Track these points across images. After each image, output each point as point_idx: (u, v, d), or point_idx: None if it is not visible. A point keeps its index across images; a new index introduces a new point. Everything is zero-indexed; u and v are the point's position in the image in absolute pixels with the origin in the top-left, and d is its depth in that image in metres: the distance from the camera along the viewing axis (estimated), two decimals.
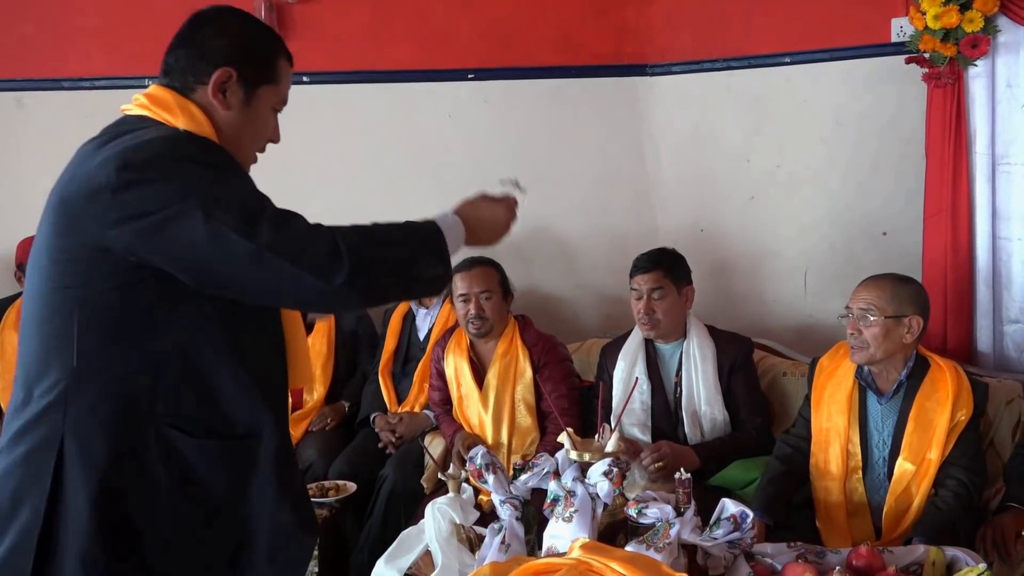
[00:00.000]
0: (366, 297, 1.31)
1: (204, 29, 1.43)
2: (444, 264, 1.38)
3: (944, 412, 2.19)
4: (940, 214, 2.70)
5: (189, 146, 1.31)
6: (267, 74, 1.45)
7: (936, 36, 2.59)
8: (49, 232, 1.33)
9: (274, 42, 1.48)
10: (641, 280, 2.65)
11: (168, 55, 1.44)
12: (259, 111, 1.44)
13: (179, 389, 1.33)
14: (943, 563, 1.77)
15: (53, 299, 1.32)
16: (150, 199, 1.23)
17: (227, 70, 1.40)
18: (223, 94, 1.40)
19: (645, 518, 1.82)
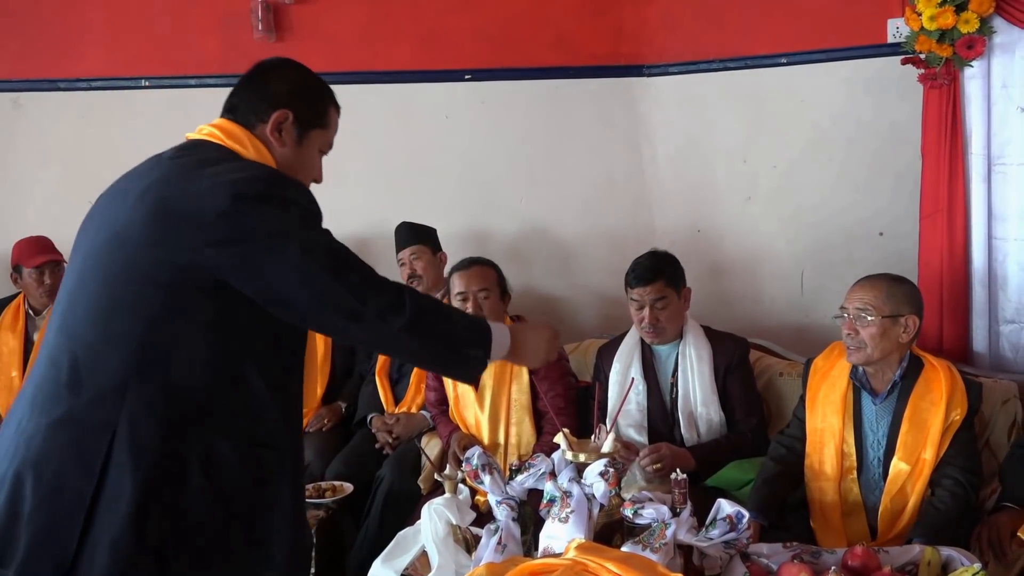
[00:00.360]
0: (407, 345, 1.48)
1: (267, 75, 1.62)
2: (484, 351, 1.55)
3: (938, 412, 2.20)
4: (936, 214, 2.71)
5: (289, 186, 1.47)
6: (318, 119, 1.64)
7: (932, 37, 2.59)
8: (139, 234, 1.42)
9: (326, 92, 1.67)
10: (643, 292, 2.63)
11: (233, 95, 1.62)
12: (309, 151, 1.64)
13: (229, 399, 1.43)
14: (938, 563, 1.77)
15: (124, 294, 1.41)
16: (255, 228, 1.39)
17: (285, 111, 1.58)
18: (279, 132, 1.58)
19: (641, 519, 1.83)
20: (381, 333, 1.44)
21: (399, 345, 1.49)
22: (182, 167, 1.48)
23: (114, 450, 1.35)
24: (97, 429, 1.36)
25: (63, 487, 1.36)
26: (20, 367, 3.26)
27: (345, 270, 1.42)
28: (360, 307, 1.40)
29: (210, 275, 1.38)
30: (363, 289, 1.42)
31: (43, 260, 3.24)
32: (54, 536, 1.34)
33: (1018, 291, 2.67)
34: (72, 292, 1.48)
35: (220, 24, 3.48)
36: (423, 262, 3.21)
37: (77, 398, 1.39)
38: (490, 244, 3.51)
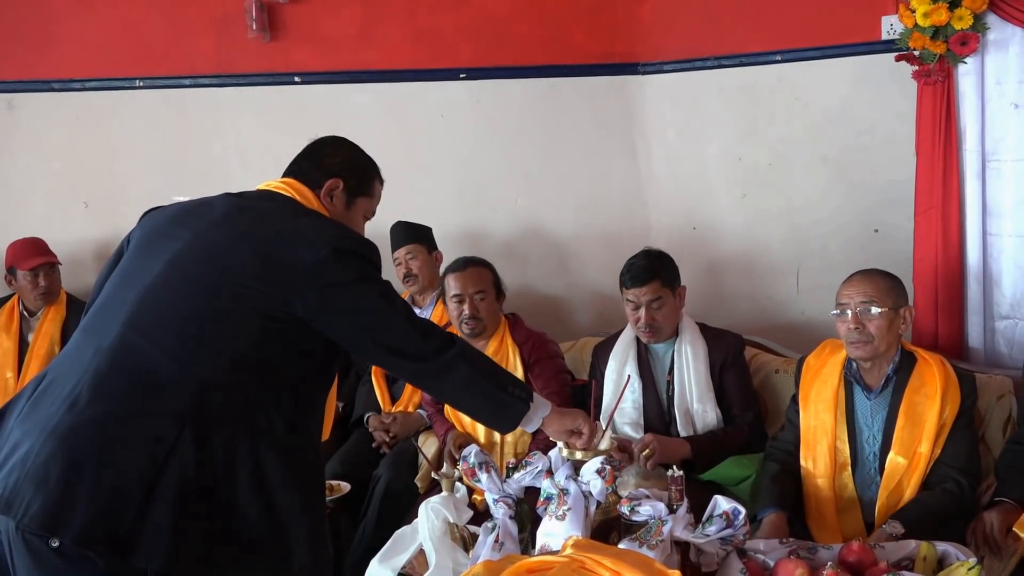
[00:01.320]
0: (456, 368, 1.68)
1: (324, 149, 1.86)
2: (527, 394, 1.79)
3: (933, 406, 2.21)
4: (931, 211, 2.71)
5: (372, 248, 1.71)
6: (365, 188, 1.86)
7: (926, 34, 2.60)
8: (243, 265, 1.59)
9: (373, 166, 1.90)
10: (638, 292, 2.63)
11: (294, 163, 1.86)
12: (354, 215, 1.85)
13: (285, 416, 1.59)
14: (934, 558, 1.78)
15: (218, 311, 1.57)
16: (343, 275, 1.62)
17: (336, 180, 1.81)
18: (331, 198, 1.80)
19: (638, 516, 1.83)
20: (438, 364, 1.66)
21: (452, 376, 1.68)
22: (279, 212, 1.71)
23: (179, 444, 1.46)
24: (169, 424, 1.47)
25: (126, 472, 1.43)
26: (15, 368, 3.26)
27: (411, 315, 1.67)
28: (423, 345, 1.65)
29: (296, 313, 1.58)
30: (425, 330, 1.67)
31: (37, 263, 3.24)
32: (112, 514, 1.41)
33: (1012, 287, 2.67)
34: (147, 296, 1.60)
35: (214, 24, 3.47)
36: (419, 261, 3.21)
37: (151, 396, 1.50)
38: (485, 243, 3.51)
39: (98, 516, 1.40)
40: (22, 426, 1.51)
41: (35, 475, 1.42)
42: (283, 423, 1.58)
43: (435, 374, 1.70)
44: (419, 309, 3.25)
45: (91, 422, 1.47)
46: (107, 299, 1.65)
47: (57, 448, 1.44)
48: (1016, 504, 2.09)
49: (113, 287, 1.67)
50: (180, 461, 1.45)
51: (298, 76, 3.45)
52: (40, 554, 1.42)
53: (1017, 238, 2.65)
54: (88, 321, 1.66)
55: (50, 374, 1.59)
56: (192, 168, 3.55)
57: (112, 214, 3.49)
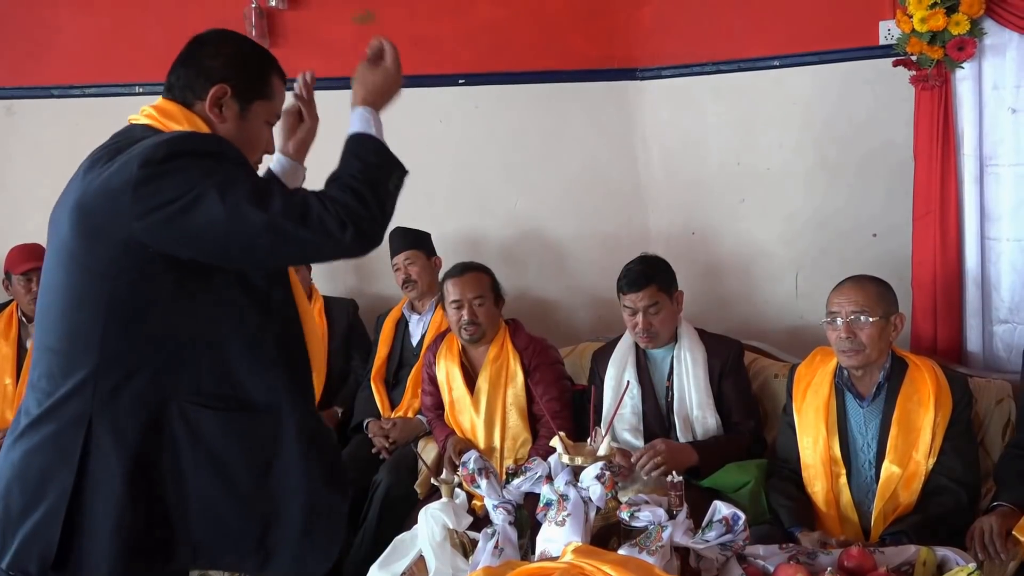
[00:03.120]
0: (373, 240, 1.48)
1: (202, 50, 1.57)
2: (400, 168, 1.58)
3: (927, 412, 2.21)
4: (929, 215, 2.71)
5: (201, 140, 1.46)
6: (260, 90, 1.59)
7: (923, 39, 2.60)
8: (69, 235, 1.44)
9: (267, 60, 1.61)
10: (635, 298, 2.63)
11: (170, 74, 1.59)
12: (253, 124, 1.58)
13: (199, 369, 1.45)
14: (934, 563, 1.78)
15: (78, 293, 1.44)
16: (170, 189, 1.37)
17: (222, 87, 1.54)
18: (219, 109, 1.55)
19: (638, 521, 1.83)
20: (336, 246, 1.42)
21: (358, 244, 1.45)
22: (96, 161, 1.50)
23: (92, 437, 1.39)
24: (73, 422, 1.40)
25: (45, 482, 1.40)
26: (13, 374, 3.26)
27: (270, 199, 1.39)
28: (301, 228, 1.38)
29: (146, 250, 1.39)
30: (299, 212, 1.39)
31: (28, 267, 3.24)
32: (39, 530, 1.39)
33: (1011, 291, 2.68)
34: (41, 299, 1.53)
35: None
36: (417, 267, 3.21)
37: (50, 396, 1.43)
38: (484, 248, 3.51)
39: (28, 541, 1.39)
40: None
41: None
42: (209, 384, 1.44)
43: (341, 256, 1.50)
44: (418, 315, 3.26)
45: (17, 446, 1.46)
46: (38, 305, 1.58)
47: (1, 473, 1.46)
48: (1015, 508, 2.09)
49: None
50: (101, 455, 1.39)
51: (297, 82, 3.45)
52: None
53: (1015, 242, 2.65)
54: None
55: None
56: None
57: None
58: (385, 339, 3.27)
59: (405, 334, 3.27)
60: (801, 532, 2.17)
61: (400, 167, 1.57)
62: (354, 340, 3.38)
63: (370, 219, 1.45)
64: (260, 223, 1.37)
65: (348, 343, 3.37)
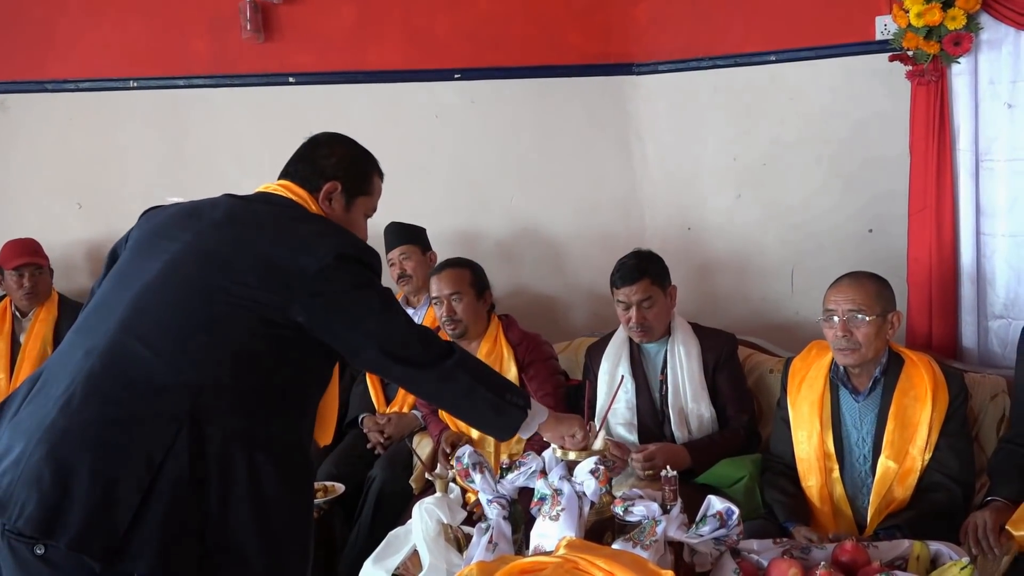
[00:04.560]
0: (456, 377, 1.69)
1: (319, 150, 1.80)
2: (524, 401, 1.79)
3: (923, 408, 2.21)
4: (925, 211, 2.72)
5: (374, 255, 1.70)
6: (364, 187, 1.82)
7: (919, 34, 2.60)
8: (244, 271, 1.57)
9: (371, 162, 1.85)
10: (629, 292, 2.63)
11: (289, 165, 1.81)
12: (355, 217, 1.81)
13: (280, 421, 1.59)
14: (927, 557, 1.78)
15: (216, 315, 1.55)
16: (345, 281, 1.60)
17: (334, 183, 1.76)
18: (329, 201, 1.76)
19: (632, 516, 1.82)
20: (439, 372, 1.66)
21: (451, 383, 1.68)
22: (280, 216, 1.68)
23: (176, 446, 1.45)
24: (165, 427, 1.46)
25: (122, 476, 1.42)
26: (7, 368, 3.25)
27: (411, 322, 1.68)
28: (424, 352, 1.65)
29: (295, 319, 1.56)
30: (425, 337, 1.67)
31: (21, 262, 3.24)
32: (107, 518, 1.40)
33: (1006, 286, 2.68)
34: (143, 297, 1.58)
35: (208, 24, 3.47)
36: (413, 262, 3.20)
37: (146, 399, 1.48)
38: (480, 243, 3.51)
39: (94, 521, 1.39)
40: (16, 428, 1.50)
41: (29, 478, 1.41)
42: (277, 428, 1.57)
43: (435, 381, 1.69)
44: (412, 310, 3.26)
45: (85, 424, 1.46)
46: (103, 300, 1.63)
47: (51, 450, 1.42)
48: (1008, 503, 2.09)
49: (109, 287, 1.65)
50: (176, 464, 1.45)
51: (292, 77, 3.45)
52: (25, 562, 1.41)
53: (1010, 238, 2.66)
54: (82, 322, 1.63)
55: (44, 374, 1.57)
56: (186, 169, 3.54)
57: (106, 215, 3.48)
58: None
59: None
60: (795, 527, 2.17)
61: (523, 401, 1.80)
62: None
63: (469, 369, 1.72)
64: (400, 332, 1.66)
65: None
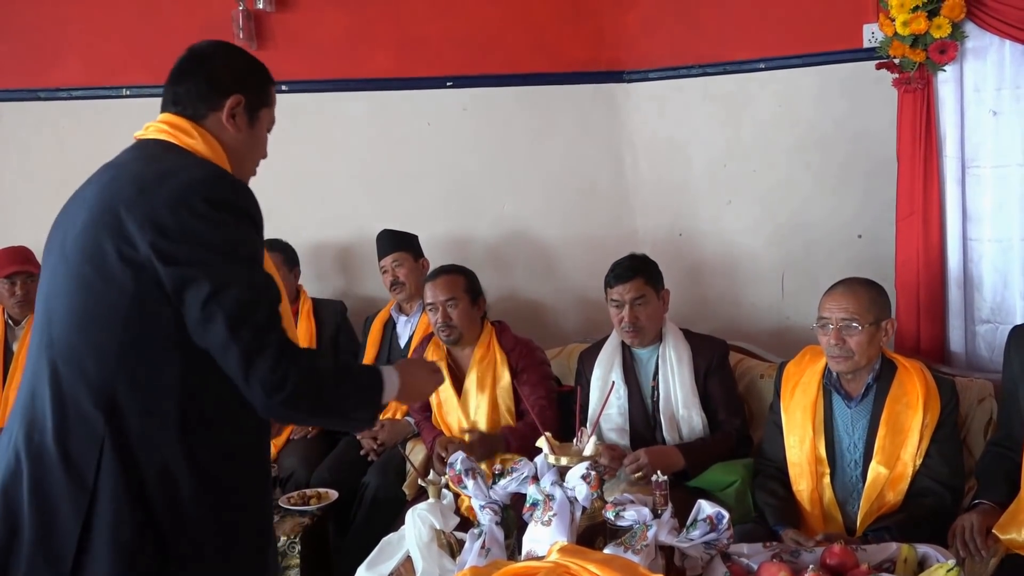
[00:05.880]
0: (284, 419, 1.51)
1: (210, 62, 1.62)
2: (372, 412, 1.56)
3: (915, 415, 2.23)
4: (912, 217, 2.74)
5: (237, 192, 1.47)
6: (265, 98, 1.66)
7: (905, 42, 2.63)
8: (104, 246, 1.41)
9: (266, 71, 1.69)
10: (622, 290, 2.66)
11: (176, 85, 1.61)
12: (260, 132, 1.66)
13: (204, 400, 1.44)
14: (915, 560, 1.80)
15: (97, 305, 1.42)
16: (186, 245, 1.39)
17: (237, 97, 1.59)
18: (233, 118, 1.59)
19: (623, 520, 1.84)
20: (262, 402, 1.41)
21: (278, 415, 1.46)
22: (132, 175, 1.47)
23: (103, 460, 1.37)
24: (87, 442, 1.38)
25: (58, 504, 1.38)
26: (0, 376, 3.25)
27: (241, 325, 1.38)
28: (245, 371, 1.38)
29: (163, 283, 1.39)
30: (251, 352, 1.38)
31: (12, 270, 3.23)
32: (53, 547, 1.37)
33: (992, 291, 2.70)
34: (48, 304, 1.49)
35: (201, 32, 3.42)
36: (405, 269, 3.22)
37: (62, 415, 1.40)
38: (472, 250, 3.52)
39: (40, 558, 1.38)
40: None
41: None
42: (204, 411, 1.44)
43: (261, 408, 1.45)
44: (405, 317, 3.27)
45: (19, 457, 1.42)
46: (35, 314, 1.55)
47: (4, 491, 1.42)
48: (995, 506, 2.11)
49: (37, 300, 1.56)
50: (109, 478, 1.37)
51: (285, 84, 3.45)
52: None
53: (996, 243, 2.68)
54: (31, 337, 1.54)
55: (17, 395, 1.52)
56: None
57: None
58: (373, 341, 3.28)
59: (393, 336, 3.27)
60: (784, 531, 2.18)
61: (370, 412, 1.56)
62: (342, 342, 3.38)
63: (305, 405, 1.44)
64: (220, 337, 1.38)
65: (336, 345, 3.37)
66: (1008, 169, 2.64)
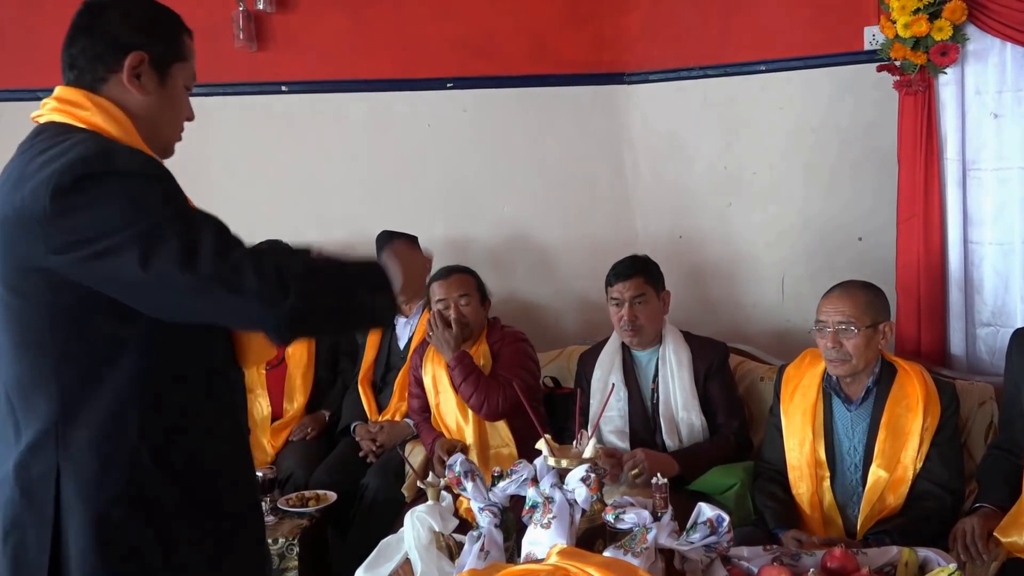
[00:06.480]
0: (307, 327, 1.35)
1: (104, 16, 1.40)
2: (390, 298, 1.36)
3: (915, 418, 2.22)
4: (913, 219, 2.74)
5: (117, 158, 1.26)
6: (177, 51, 1.43)
7: (906, 44, 2.63)
8: (5, 266, 1.29)
9: (176, 19, 1.46)
10: (622, 288, 2.67)
11: (70, 48, 1.41)
12: (175, 91, 1.43)
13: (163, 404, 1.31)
14: (916, 564, 1.79)
15: (25, 330, 1.29)
16: (84, 228, 1.21)
17: (138, 54, 1.37)
18: (138, 79, 1.38)
19: (623, 523, 1.83)
20: (275, 319, 1.24)
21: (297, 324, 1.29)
22: (11, 172, 1.30)
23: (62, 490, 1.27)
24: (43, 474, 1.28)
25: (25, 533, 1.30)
26: None
27: (199, 261, 1.20)
28: (235, 301, 1.22)
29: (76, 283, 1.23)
30: (228, 279, 1.21)
31: None
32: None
33: (993, 294, 2.70)
34: None
35: (201, 33, 3.38)
36: None
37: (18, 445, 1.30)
38: (472, 251, 3.52)
39: None
40: None
41: None
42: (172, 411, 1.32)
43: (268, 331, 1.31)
44: (405, 318, 3.26)
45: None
46: None
47: None
48: (996, 509, 2.11)
49: None
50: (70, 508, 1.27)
51: (285, 85, 3.45)
52: None
53: (997, 246, 2.68)
54: None
55: None
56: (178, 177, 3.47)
57: None
58: (372, 342, 3.28)
59: (392, 337, 3.27)
60: (785, 534, 2.18)
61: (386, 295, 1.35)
62: (341, 343, 3.38)
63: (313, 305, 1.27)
64: (185, 286, 1.21)
65: (336, 346, 3.37)
66: (1009, 172, 2.64)
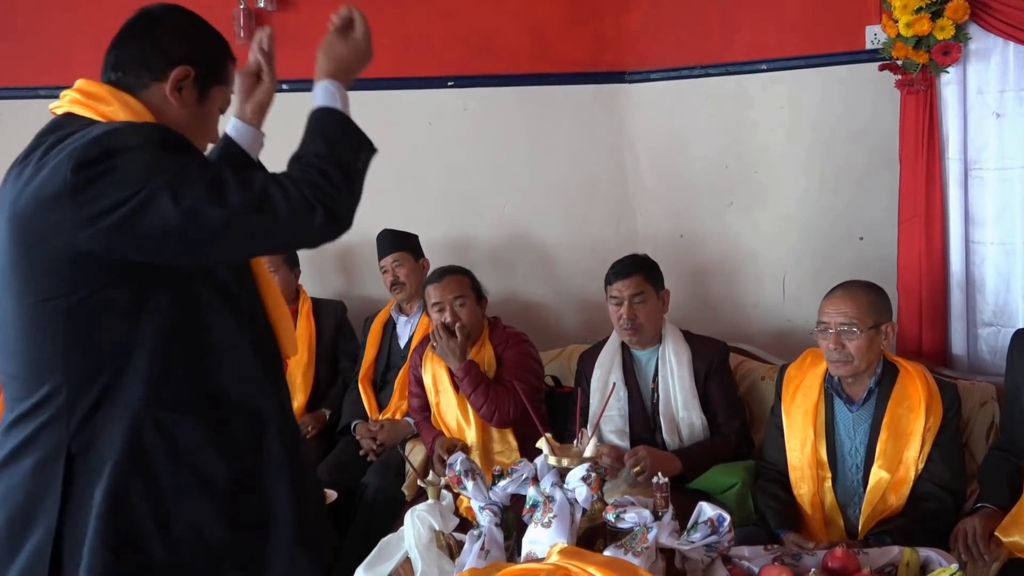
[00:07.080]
0: (343, 222, 1.37)
1: (160, 26, 1.46)
2: (368, 145, 1.45)
3: (917, 419, 2.22)
4: (914, 219, 2.73)
5: (139, 132, 1.31)
6: (220, 75, 1.50)
7: (908, 43, 2.62)
8: (12, 250, 1.32)
9: (225, 45, 1.52)
10: (621, 286, 2.67)
11: (118, 50, 1.46)
12: (210, 111, 1.49)
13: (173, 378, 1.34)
14: (917, 564, 1.78)
15: (35, 315, 1.32)
16: (113, 192, 1.24)
17: (185, 68, 1.42)
18: (179, 91, 1.43)
19: (623, 523, 1.83)
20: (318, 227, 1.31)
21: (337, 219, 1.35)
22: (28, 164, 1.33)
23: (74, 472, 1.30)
24: (50, 452, 1.31)
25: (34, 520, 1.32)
26: None
27: (228, 194, 1.26)
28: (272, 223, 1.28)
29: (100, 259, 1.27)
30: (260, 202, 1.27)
31: None
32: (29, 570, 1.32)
33: (995, 294, 2.70)
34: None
35: None
36: (405, 269, 3.21)
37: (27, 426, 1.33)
38: (472, 250, 3.51)
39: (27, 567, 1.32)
40: None
41: None
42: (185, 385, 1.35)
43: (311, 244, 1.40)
44: (406, 318, 3.26)
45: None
46: None
47: None
48: (998, 509, 2.11)
49: None
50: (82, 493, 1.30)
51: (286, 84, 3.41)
52: None
53: (999, 246, 2.68)
54: None
55: None
56: None
57: None
58: (373, 341, 3.27)
59: (393, 336, 3.27)
60: (785, 534, 2.17)
61: (369, 144, 1.44)
62: (342, 342, 3.38)
63: (340, 199, 1.33)
64: (220, 220, 1.26)
65: (336, 345, 3.37)
66: (1011, 172, 2.64)
